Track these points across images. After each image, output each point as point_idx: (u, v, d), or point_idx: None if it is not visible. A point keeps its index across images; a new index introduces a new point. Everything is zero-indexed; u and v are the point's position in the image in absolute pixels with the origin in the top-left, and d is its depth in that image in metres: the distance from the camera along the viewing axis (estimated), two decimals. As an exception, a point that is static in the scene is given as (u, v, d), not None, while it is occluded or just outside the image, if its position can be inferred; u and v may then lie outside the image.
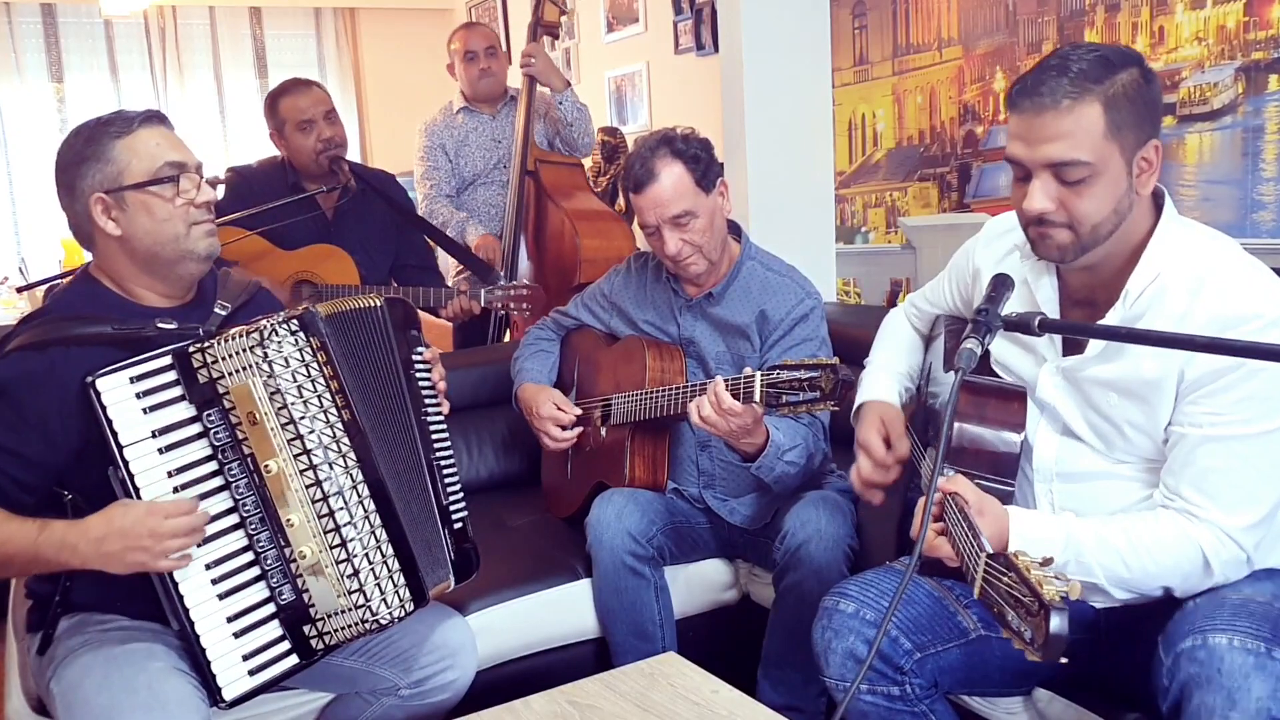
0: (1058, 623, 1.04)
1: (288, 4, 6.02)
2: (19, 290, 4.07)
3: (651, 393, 2.08)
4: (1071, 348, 1.49)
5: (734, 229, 2.22)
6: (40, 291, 2.92)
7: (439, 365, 1.82)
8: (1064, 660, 1.06)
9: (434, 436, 1.75)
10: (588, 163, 4.34)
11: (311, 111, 2.77)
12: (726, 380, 1.84)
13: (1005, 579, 1.14)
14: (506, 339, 3.39)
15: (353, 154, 2.98)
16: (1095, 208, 1.34)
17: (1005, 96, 1.40)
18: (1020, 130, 1.36)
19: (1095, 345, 1.43)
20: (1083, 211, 1.34)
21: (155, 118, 1.57)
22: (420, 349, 1.79)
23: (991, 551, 1.20)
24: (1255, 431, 1.32)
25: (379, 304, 1.67)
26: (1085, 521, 1.39)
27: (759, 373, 1.78)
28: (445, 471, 1.75)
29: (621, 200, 3.97)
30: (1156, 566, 1.36)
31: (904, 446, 1.67)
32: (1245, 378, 1.31)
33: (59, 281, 2.56)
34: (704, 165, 2.05)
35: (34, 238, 5.39)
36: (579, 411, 2.27)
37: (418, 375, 1.75)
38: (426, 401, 1.76)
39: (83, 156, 1.53)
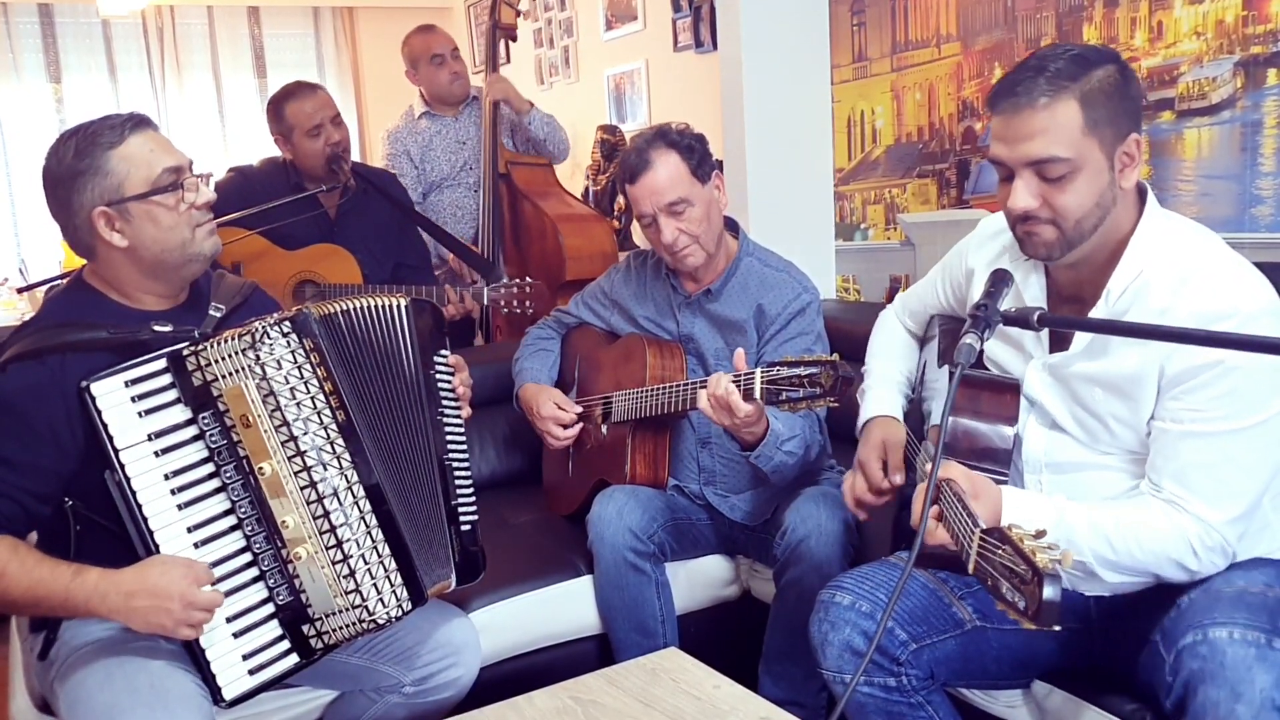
0: (1050, 590, 1.04)
1: (286, 3, 6.02)
2: (19, 291, 4.07)
3: (652, 390, 2.09)
4: (1057, 344, 1.51)
5: (732, 226, 2.22)
6: (41, 292, 2.93)
7: (464, 370, 1.82)
8: (1056, 628, 1.06)
9: (448, 437, 1.74)
10: (586, 161, 4.36)
11: (319, 116, 2.77)
12: (728, 377, 1.84)
13: (999, 552, 1.15)
14: (478, 341, 3.38)
15: (352, 153, 2.98)
16: (1078, 202, 1.36)
17: (986, 99, 1.42)
18: (1000, 130, 1.38)
19: (1080, 341, 1.45)
20: (1065, 206, 1.36)
21: (142, 122, 1.55)
22: (444, 351, 1.79)
23: (985, 527, 1.21)
24: (1235, 427, 1.33)
25: (390, 303, 1.66)
26: (1077, 504, 1.40)
27: (759, 370, 1.78)
28: (457, 472, 1.75)
29: (622, 199, 3.98)
30: (1142, 551, 1.37)
31: (899, 479, 1.69)
32: (1224, 374, 1.32)
33: (59, 282, 2.57)
34: (699, 156, 2.06)
35: (34, 238, 5.39)
36: (579, 409, 2.27)
37: (437, 376, 1.75)
38: (444, 402, 1.75)
39: (76, 171, 1.51)
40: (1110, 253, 1.42)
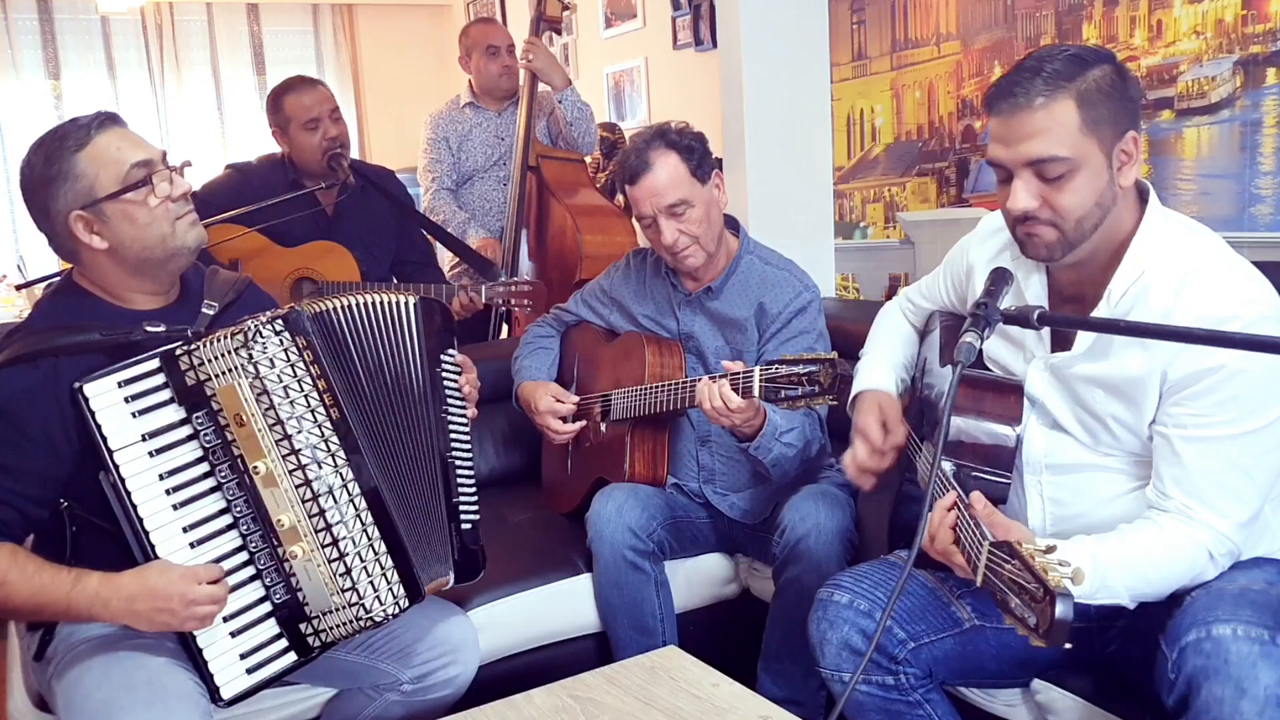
0: (1062, 608, 1.05)
1: (285, 0, 6.02)
2: (17, 288, 4.08)
3: (651, 388, 2.08)
4: (1059, 344, 1.50)
5: (731, 224, 2.22)
6: (40, 289, 2.92)
7: (472, 371, 1.82)
8: (1068, 645, 1.06)
9: (452, 435, 1.74)
10: (587, 159, 4.35)
11: (317, 110, 2.77)
12: (726, 377, 1.84)
13: (1008, 566, 1.15)
14: (505, 335, 3.39)
15: (351, 150, 2.98)
16: (1077, 202, 1.36)
17: (983, 101, 1.41)
18: (999, 132, 1.38)
19: (1082, 343, 1.45)
20: (1065, 206, 1.36)
21: (109, 120, 1.54)
22: (451, 351, 1.78)
23: (994, 540, 1.20)
24: (1238, 432, 1.33)
25: (393, 300, 1.65)
26: (1103, 543, 1.38)
27: (758, 368, 1.78)
28: (460, 471, 1.74)
29: (621, 197, 3.98)
30: (1172, 575, 1.36)
31: (900, 433, 1.68)
32: (1227, 379, 1.32)
33: (55, 280, 2.57)
34: (698, 156, 2.06)
35: (32, 235, 5.38)
36: (576, 399, 2.27)
37: (443, 374, 1.75)
38: (449, 400, 1.75)
39: (47, 178, 1.50)
40: (1111, 253, 1.42)
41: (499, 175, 3.47)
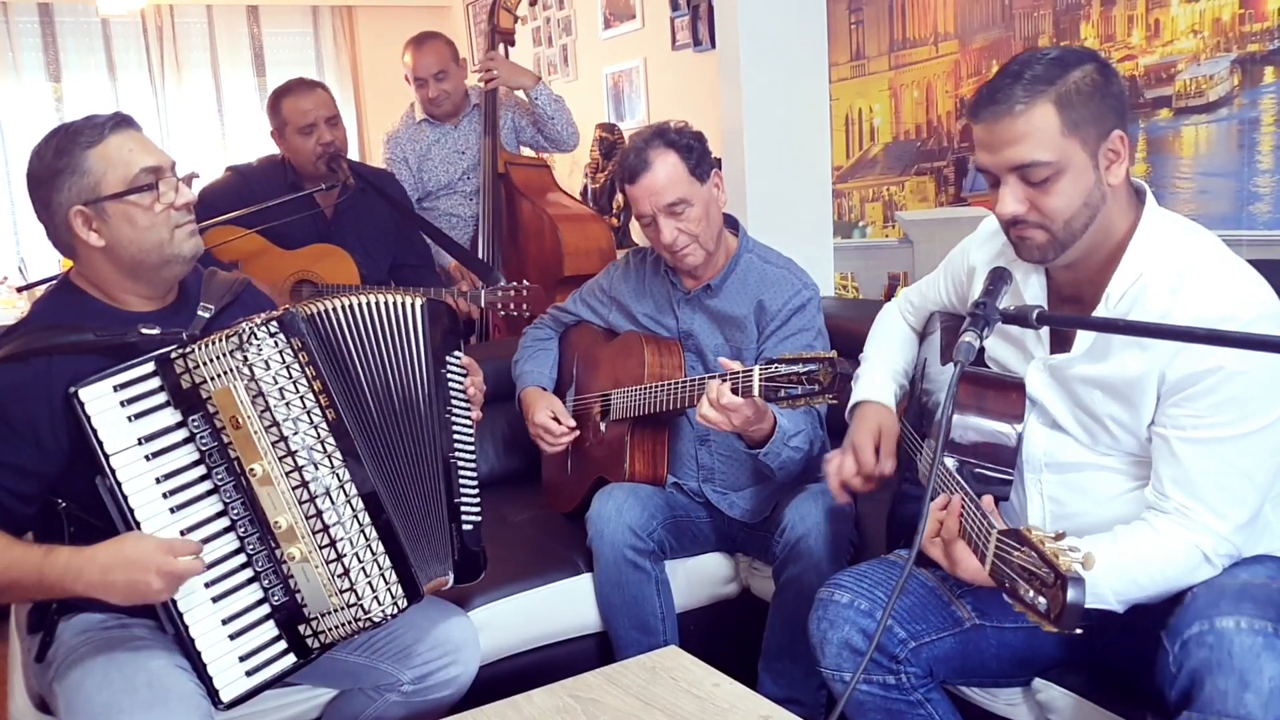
0: (1075, 593, 1.05)
1: (285, 2, 6.01)
2: (18, 290, 4.08)
3: (650, 388, 2.09)
4: (1058, 346, 1.50)
5: (731, 223, 2.22)
6: (41, 290, 2.93)
7: (478, 375, 1.82)
8: (1079, 631, 1.06)
9: (455, 436, 1.74)
10: (585, 159, 4.35)
11: (314, 115, 2.77)
12: (724, 376, 1.84)
13: (1017, 553, 1.15)
14: (472, 342, 3.36)
15: (351, 152, 2.98)
16: (1064, 204, 1.36)
17: (969, 108, 1.42)
18: (983, 138, 1.39)
19: (1081, 344, 1.45)
20: (1052, 209, 1.37)
21: (124, 122, 1.55)
22: (457, 353, 1.78)
23: (1002, 528, 1.21)
24: (1236, 433, 1.33)
25: (396, 300, 1.65)
26: (1096, 546, 1.36)
27: (757, 367, 1.78)
28: (462, 472, 1.75)
29: (620, 197, 3.98)
30: (1165, 580, 1.36)
31: (889, 466, 1.69)
32: (1224, 380, 1.32)
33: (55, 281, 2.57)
34: (697, 155, 2.06)
35: (33, 237, 5.39)
36: (573, 423, 2.27)
37: (448, 375, 1.75)
38: (453, 401, 1.75)
39: (55, 170, 1.51)
40: (1108, 254, 1.42)
41: (464, 190, 3.44)
